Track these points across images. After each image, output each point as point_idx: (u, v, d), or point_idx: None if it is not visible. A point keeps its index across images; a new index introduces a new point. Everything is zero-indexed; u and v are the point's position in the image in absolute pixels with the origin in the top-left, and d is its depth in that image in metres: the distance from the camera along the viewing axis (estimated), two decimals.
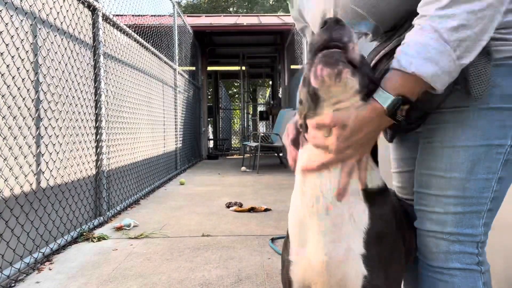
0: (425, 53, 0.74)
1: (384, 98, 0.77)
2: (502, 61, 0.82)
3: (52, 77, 2.71)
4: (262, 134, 8.53)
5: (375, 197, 0.83)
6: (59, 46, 2.81)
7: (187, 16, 10.67)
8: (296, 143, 0.91)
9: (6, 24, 2.18)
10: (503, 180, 0.86)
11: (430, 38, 0.74)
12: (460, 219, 0.87)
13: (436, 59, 0.74)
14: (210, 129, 15.02)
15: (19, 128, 2.31)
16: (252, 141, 8.68)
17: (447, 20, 0.73)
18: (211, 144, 14.02)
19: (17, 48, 2.29)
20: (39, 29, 2.55)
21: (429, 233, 0.92)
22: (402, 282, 0.98)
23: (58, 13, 2.78)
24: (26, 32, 2.40)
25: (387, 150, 1.21)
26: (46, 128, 2.61)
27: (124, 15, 4.68)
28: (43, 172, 2.57)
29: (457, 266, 0.88)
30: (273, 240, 2.79)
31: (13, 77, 2.25)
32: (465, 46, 0.74)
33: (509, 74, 0.82)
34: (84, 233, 2.96)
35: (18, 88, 2.29)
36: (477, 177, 0.85)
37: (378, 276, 0.79)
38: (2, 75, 2.15)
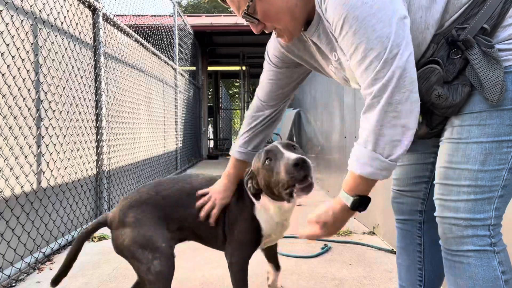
0: (362, 160, 0.98)
1: (346, 198, 1.03)
2: (510, 69, 0.95)
3: (53, 77, 2.71)
4: None
5: None
6: (59, 46, 2.81)
7: (188, 16, 10.66)
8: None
9: (7, 24, 2.19)
10: None
11: (362, 149, 0.99)
12: (472, 206, 0.98)
13: (369, 163, 0.97)
14: (211, 129, 15.01)
15: (20, 128, 2.31)
16: None
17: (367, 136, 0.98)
18: (211, 144, 14.02)
19: (18, 48, 2.29)
20: (40, 29, 2.55)
21: (444, 219, 1.03)
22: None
23: (58, 13, 2.78)
24: (27, 32, 2.40)
25: None
26: (46, 128, 2.61)
27: (125, 15, 4.68)
28: (44, 172, 2.57)
29: (471, 248, 0.99)
30: None
31: (14, 77, 2.25)
32: (388, 148, 0.96)
33: None
34: None
35: (19, 88, 2.29)
36: (489, 168, 0.97)
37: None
38: (3, 75, 2.15)
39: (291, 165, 1.18)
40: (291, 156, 1.22)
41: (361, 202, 1.02)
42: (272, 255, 1.71)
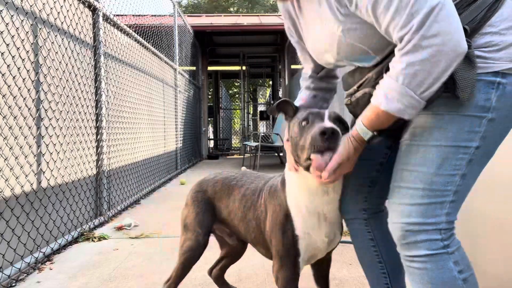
0: (390, 95, 0.94)
1: (365, 133, 1.02)
2: (479, 77, 0.96)
3: (53, 77, 2.71)
4: (262, 134, 8.54)
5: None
6: (59, 46, 2.81)
7: (188, 16, 10.67)
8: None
9: (7, 24, 2.19)
10: (466, 176, 1.00)
11: (393, 83, 0.94)
12: (424, 210, 0.99)
13: (398, 98, 0.93)
14: (211, 129, 15.02)
15: (20, 128, 2.31)
16: (252, 141, 8.68)
17: (401, 70, 0.92)
18: (211, 144, 14.01)
19: (18, 48, 2.29)
20: (40, 29, 2.55)
21: (398, 225, 1.03)
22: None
23: (58, 13, 2.78)
24: (27, 32, 2.40)
25: None
26: (46, 128, 2.61)
27: (125, 15, 4.68)
28: (44, 172, 2.57)
29: (426, 253, 0.99)
30: None
31: (14, 77, 2.25)
32: (424, 86, 0.91)
33: (483, 88, 0.96)
34: (85, 233, 2.96)
35: (19, 88, 2.29)
36: (444, 173, 0.98)
37: (340, 235, 1.37)
38: (3, 75, 2.15)
39: (318, 132, 1.07)
40: (325, 124, 1.10)
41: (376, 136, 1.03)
42: (322, 276, 1.54)
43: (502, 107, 0.97)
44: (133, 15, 4.96)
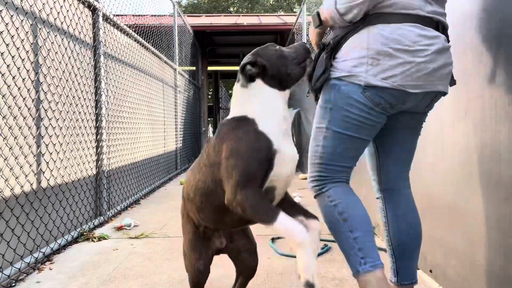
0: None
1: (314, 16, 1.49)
2: (330, 80, 1.44)
3: (53, 77, 2.71)
4: None
5: None
6: (59, 46, 2.81)
7: (187, 16, 10.67)
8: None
9: (7, 24, 2.19)
10: (324, 147, 1.46)
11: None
12: (309, 169, 1.53)
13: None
14: (211, 129, 15.03)
15: (20, 128, 2.31)
16: None
17: None
18: None
19: (18, 48, 2.29)
20: (40, 29, 2.55)
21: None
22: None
23: (58, 13, 2.78)
24: (27, 32, 2.40)
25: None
26: (46, 128, 2.61)
27: (125, 15, 4.68)
28: (44, 172, 2.57)
29: (314, 194, 1.52)
30: (273, 240, 2.79)
31: (14, 77, 2.25)
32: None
33: (330, 88, 1.44)
34: (85, 233, 2.96)
35: (19, 88, 2.29)
36: (314, 144, 1.50)
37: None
38: (3, 75, 2.15)
39: (303, 43, 1.48)
40: (296, 44, 1.49)
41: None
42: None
43: (336, 101, 1.41)
44: (133, 15, 4.96)
